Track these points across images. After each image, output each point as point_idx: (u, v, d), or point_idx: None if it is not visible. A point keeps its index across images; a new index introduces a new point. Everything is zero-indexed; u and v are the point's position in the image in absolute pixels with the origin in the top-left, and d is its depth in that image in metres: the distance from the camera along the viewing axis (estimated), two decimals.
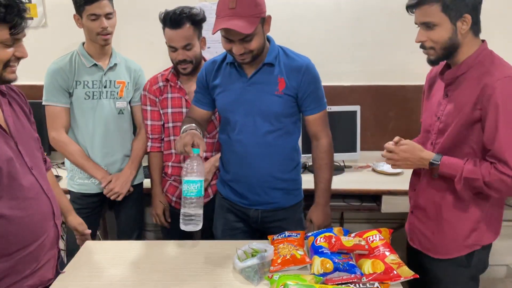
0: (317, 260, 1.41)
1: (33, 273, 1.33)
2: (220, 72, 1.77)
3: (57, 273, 1.44)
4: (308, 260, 1.46)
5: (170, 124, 2.10)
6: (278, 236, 1.61)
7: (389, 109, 2.80)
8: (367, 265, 1.40)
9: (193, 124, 1.68)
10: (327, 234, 1.54)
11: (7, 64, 1.23)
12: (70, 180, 2.16)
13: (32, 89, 2.22)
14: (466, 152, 1.47)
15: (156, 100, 2.11)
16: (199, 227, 1.51)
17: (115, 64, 2.11)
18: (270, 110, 1.70)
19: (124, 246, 1.69)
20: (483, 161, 1.43)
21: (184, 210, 1.48)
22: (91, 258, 1.58)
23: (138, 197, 2.26)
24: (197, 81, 1.85)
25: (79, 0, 1.95)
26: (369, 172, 2.68)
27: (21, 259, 1.30)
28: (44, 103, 2.05)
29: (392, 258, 1.41)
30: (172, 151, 2.13)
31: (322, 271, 1.37)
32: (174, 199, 2.16)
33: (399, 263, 1.39)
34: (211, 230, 2.00)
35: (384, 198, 2.38)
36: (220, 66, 1.77)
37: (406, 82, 2.75)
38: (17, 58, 1.25)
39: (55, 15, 2.72)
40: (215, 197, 2.04)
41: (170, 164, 2.15)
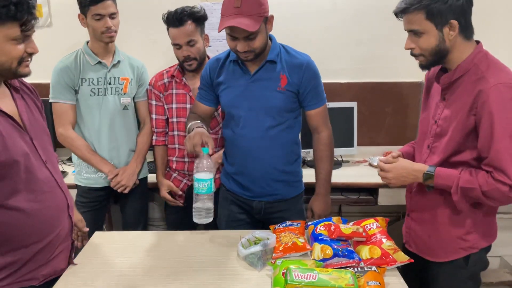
0: (317, 246, 1.48)
1: (47, 263, 1.38)
2: (224, 69, 1.82)
3: (69, 263, 1.49)
4: (308, 247, 1.52)
5: (174, 119, 2.17)
6: (279, 225, 1.68)
7: (385, 105, 2.87)
8: (364, 251, 1.47)
9: (198, 121, 1.74)
10: (327, 222, 1.61)
11: (21, 60, 1.26)
12: (77, 174, 2.22)
13: (38, 87, 2.23)
14: (464, 160, 1.44)
15: (161, 95, 2.18)
16: (211, 219, 1.56)
17: (119, 61, 2.17)
18: (272, 105, 1.76)
19: (132, 236, 1.75)
20: (479, 170, 1.40)
21: (196, 204, 1.53)
22: (101, 247, 1.64)
23: (143, 191, 2.33)
24: (201, 78, 1.90)
25: (84, 0, 2.01)
26: (366, 166, 2.75)
27: (39, 250, 1.34)
28: (51, 100, 2.11)
29: (388, 244, 1.48)
30: (176, 145, 2.20)
31: (322, 256, 1.44)
32: (179, 192, 2.22)
33: (395, 249, 1.46)
34: (215, 221, 2.06)
35: (381, 191, 2.45)
36: (224, 64, 1.82)
37: (402, 79, 2.82)
38: (29, 54, 1.28)
39: (60, 15, 2.76)
40: (218, 190, 2.10)
41: (174, 159, 2.21)
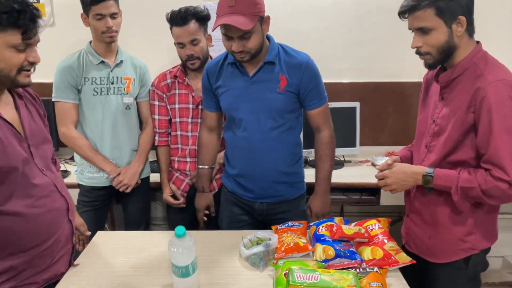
0: (319, 247, 1.48)
1: (48, 268, 1.38)
2: (222, 72, 1.81)
3: (70, 266, 1.49)
4: (310, 247, 1.52)
5: (177, 119, 2.17)
6: (281, 226, 1.67)
7: (387, 105, 2.86)
8: (366, 252, 1.47)
9: (206, 166, 2.00)
10: (329, 223, 1.61)
11: (21, 69, 1.24)
12: (79, 174, 2.22)
13: (41, 86, 2.27)
14: (462, 159, 1.44)
15: (164, 96, 2.18)
16: None
17: (121, 61, 2.18)
18: (273, 107, 1.75)
19: (134, 236, 1.76)
20: (477, 169, 1.40)
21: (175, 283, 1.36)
22: (103, 247, 1.64)
23: (145, 190, 2.33)
24: (203, 84, 1.90)
25: (86, 0, 2.02)
26: (368, 166, 2.75)
27: (38, 254, 1.33)
28: (54, 99, 2.11)
29: (390, 245, 1.48)
30: (179, 145, 2.20)
31: (324, 257, 1.44)
32: (180, 192, 2.22)
33: (397, 250, 1.46)
34: (217, 222, 2.06)
35: (383, 191, 2.43)
36: (222, 67, 1.81)
37: (404, 79, 2.81)
38: (30, 63, 1.25)
39: (62, 14, 2.77)
40: (219, 190, 2.11)
41: (176, 159, 2.22)
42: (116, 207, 2.61)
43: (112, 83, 2.15)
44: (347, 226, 1.56)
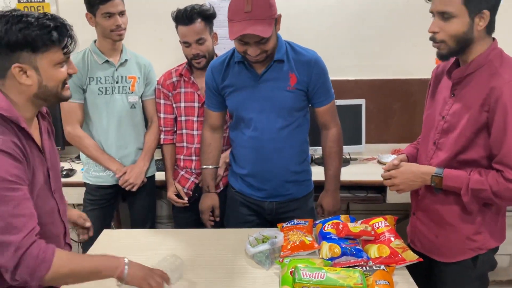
0: (326, 245, 1.48)
1: None
2: (229, 71, 1.78)
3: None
4: (316, 245, 1.52)
5: (183, 117, 2.17)
6: (287, 224, 1.67)
7: (393, 103, 2.85)
8: (373, 250, 1.47)
9: (210, 166, 1.95)
10: (335, 221, 1.60)
11: (64, 84, 1.26)
12: (85, 172, 2.23)
13: None
14: (473, 158, 1.41)
15: (169, 94, 2.18)
16: None
17: (126, 60, 2.18)
18: (283, 105, 1.74)
19: (140, 234, 1.76)
20: (488, 170, 1.38)
21: None
22: (109, 245, 1.65)
23: (151, 188, 2.33)
24: (206, 83, 1.87)
25: (92, 0, 2.02)
26: (374, 164, 2.73)
27: None
28: None
29: (397, 243, 1.47)
30: (184, 144, 2.20)
31: (330, 255, 1.44)
32: (185, 190, 2.23)
33: (403, 248, 1.46)
34: (223, 222, 2.05)
35: (389, 189, 2.43)
36: (228, 66, 1.78)
37: (410, 76, 2.79)
38: (69, 75, 1.27)
39: (68, 14, 2.76)
40: (225, 189, 2.11)
41: (182, 157, 2.22)
42: (122, 205, 2.61)
43: (117, 82, 2.15)
44: (353, 224, 1.56)
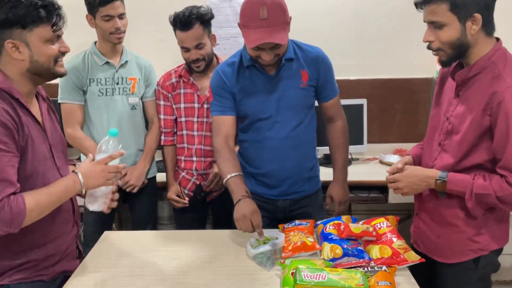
0: (327, 246, 1.47)
1: (56, 263, 1.44)
2: (240, 75, 1.75)
3: (77, 264, 1.53)
4: (318, 246, 1.51)
5: (183, 118, 2.17)
6: (288, 225, 1.67)
7: (395, 102, 2.84)
8: (375, 251, 1.46)
9: (236, 173, 1.66)
10: (336, 221, 1.59)
11: (56, 60, 1.34)
12: None
13: (46, 87, 2.25)
14: (478, 162, 1.41)
15: (169, 95, 2.17)
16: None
17: (126, 61, 2.18)
18: (298, 103, 1.75)
19: (141, 236, 1.76)
20: (493, 174, 1.37)
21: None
22: (110, 247, 1.65)
23: (152, 190, 2.33)
24: (216, 87, 1.77)
25: (93, 1, 2.01)
26: (376, 164, 2.73)
27: (48, 251, 1.41)
28: (59, 101, 2.12)
29: (399, 243, 1.46)
30: (185, 145, 2.20)
31: (332, 256, 1.43)
32: (186, 191, 2.22)
33: (405, 248, 1.44)
34: (230, 222, 2.02)
35: (393, 192, 2.42)
36: (239, 70, 1.76)
37: (411, 75, 2.79)
38: (62, 53, 1.36)
39: (67, 15, 2.76)
40: (227, 189, 2.09)
41: (182, 158, 2.21)
42: (123, 207, 2.61)
43: (117, 84, 2.15)
44: (354, 225, 1.55)
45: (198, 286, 1.39)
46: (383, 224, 1.56)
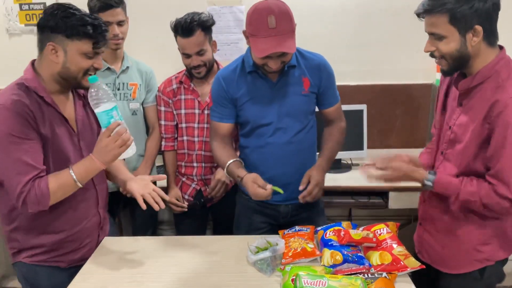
0: (327, 252, 1.47)
1: (75, 251, 1.59)
2: (242, 81, 1.76)
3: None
4: (318, 252, 1.51)
5: (183, 124, 2.17)
6: (288, 231, 1.66)
7: (395, 108, 2.84)
8: (375, 257, 1.45)
9: (234, 159, 1.75)
10: (336, 228, 1.59)
11: (86, 73, 1.45)
12: None
13: None
14: (479, 171, 1.40)
15: (170, 101, 2.18)
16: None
17: (127, 67, 2.19)
18: (299, 110, 1.77)
19: (142, 241, 1.75)
20: (481, 180, 1.38)
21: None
22: (110, 252, 1.64)
23: None
24: (216, 95, 1.80)
25: (92, 7, 2.03)
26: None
27: (67, 237, 1.55)
28: None
29: (399, 250, 1.46)
30: (185, 151, 2.20)
31: (332, 262, 1.42)
32: (187, 197, 2.23)
33: (406, 255, 1.44)
34: (231, 228, 2.03)
35: (391, 194, 2.42)
36: (241, 76, 1.76)
37: (412, 81, 2.79)
38: (95, 68, 1.47)
39: None
40: (227, 195, 2.10)
41: (183, 164, 2.22)
42: (124, 212, 2.61)
43: (118, 89, 2.16)
44: (355, 231, 1.54)
45: None
46: (383, 231, 1.56)
